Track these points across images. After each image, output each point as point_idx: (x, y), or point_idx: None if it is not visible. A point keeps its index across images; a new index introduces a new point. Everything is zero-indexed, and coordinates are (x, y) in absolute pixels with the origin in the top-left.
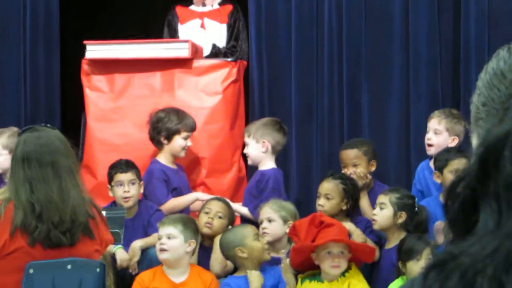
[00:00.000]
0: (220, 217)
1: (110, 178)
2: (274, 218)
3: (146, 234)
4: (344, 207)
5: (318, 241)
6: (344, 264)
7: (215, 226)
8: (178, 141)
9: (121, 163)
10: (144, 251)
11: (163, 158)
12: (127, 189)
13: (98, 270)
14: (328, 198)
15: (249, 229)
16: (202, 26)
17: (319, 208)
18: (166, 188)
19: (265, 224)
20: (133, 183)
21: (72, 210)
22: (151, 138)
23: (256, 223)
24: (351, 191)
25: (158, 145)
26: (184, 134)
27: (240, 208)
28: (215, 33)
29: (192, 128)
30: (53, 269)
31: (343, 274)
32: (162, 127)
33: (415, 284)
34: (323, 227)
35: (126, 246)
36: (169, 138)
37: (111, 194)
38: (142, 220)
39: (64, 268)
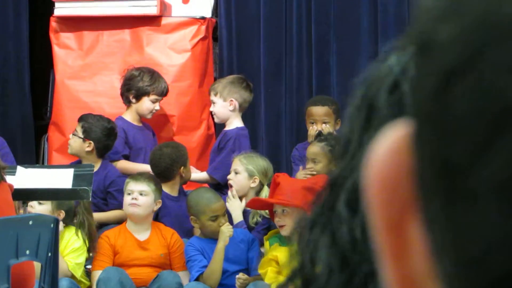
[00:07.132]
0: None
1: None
2: (240, 170)
3: (104, 196)
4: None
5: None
6: (291, 223)
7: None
8: (146, 103)
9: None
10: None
11: (129, 116)
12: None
13: (52, 225)
14: (315, 162)
15: (213, 207)
16: None
17: (309, 172)
18: (123, 146)
19: (231, 175)
20: None
21: None
22: (121, 94)
23: (219, 184)
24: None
25: (126, 102)
26: (153, 97)
27: (198, 176)
28: None
29: (162, 93)
30: (17, 224)
31: None
32: (133, 85)
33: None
34: (275, 186)
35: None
36: (138, 97)
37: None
38: (99, 178)
39: (27, 224)
